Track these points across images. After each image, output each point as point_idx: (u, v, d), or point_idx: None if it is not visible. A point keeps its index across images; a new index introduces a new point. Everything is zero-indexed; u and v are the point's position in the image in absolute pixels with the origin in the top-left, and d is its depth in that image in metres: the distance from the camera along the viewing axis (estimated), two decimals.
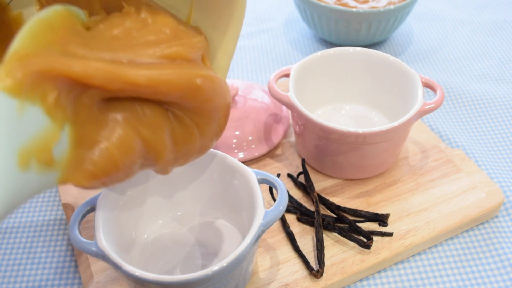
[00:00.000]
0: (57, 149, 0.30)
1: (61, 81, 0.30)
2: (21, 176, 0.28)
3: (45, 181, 0.30)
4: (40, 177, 0.29)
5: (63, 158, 0.31)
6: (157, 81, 0.33)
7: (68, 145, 0.31)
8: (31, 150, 0.28)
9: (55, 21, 0.32)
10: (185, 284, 0.38)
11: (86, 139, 0.33)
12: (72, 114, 0.31)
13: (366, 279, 0.48)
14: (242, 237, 0.48)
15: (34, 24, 0.30)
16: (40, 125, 0.29)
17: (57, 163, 0.30)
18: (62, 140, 0.30)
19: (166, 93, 0.34)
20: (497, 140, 0.62)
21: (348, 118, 0.60)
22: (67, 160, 0.31)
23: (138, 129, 0.35)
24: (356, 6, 0.71)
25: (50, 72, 0.29)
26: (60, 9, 0.33)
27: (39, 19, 0.31)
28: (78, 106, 0.32)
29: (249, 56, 0.77)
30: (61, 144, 0.30)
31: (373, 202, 0.53)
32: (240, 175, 0.45)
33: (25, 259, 0.51)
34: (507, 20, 0.83)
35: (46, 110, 0.29)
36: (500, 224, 0.52)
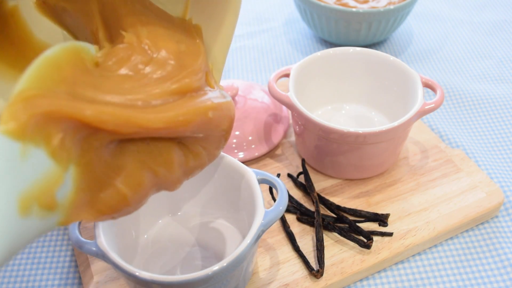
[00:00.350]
0: (60, 192, 0.29)
1: (67, 123, 0.29)
2: (21, 223, 0.26)
3: (45, 225, 0.29)
4: (40, 222, 0.28)
5: (66, 200, 0.29)
6: (174, 123, 0.34)
7: (72, 186, 0.30)
8: (33, 195, 0.27)
9: (63, 60, 0.31)
10: (185, 284, 0.38)
11: (94, 180, 0.32)
12: (78, 155, 0.30)
13: (366, 279, 0.48)
14: (242, 237, 0.48)
15: (40, 63, 0.29)
16: (44, 168, 0.27)
17: (60, 206, 0.29)
18: (66, 182, 0.29)
19: (182, 132, 0.35)
20: (497, 140, 0.62)
21: (348, 118, 0.60)
22: (70, 202, 0.30)
23: (151, 167, 0.35)
24: (356, 6, 0.71)
25: (56, 115, 0.28)
26: (68, 46, 0.32)
27: (45, 58, 0.30)
28: (85, 147, 0.31)
29: (249, 56, 0.77)
30: (64, 186, 0.29)
31: (373, 202, 0.53)
32: (240, 175, 0.45)
33: (25, 259, 0.51)
34: (507, 20, 0.83)
35: (50, 152, 0.28)
36: (500, 224, 0.52)
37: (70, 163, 0.29)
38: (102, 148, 0.32)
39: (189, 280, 0.37)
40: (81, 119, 0.29)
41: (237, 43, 0.80)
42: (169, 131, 0.34)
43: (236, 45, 0.79)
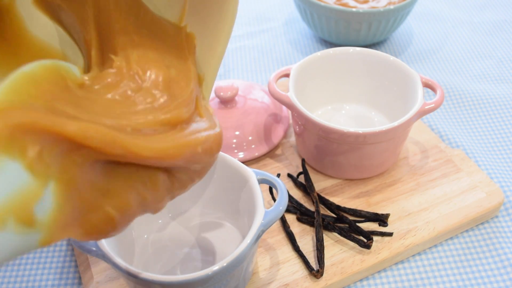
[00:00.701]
0: (40, 208, 0.27)
1: (45, 136, 0.28)
2: None
3: (25, 243, 0.27)
4: (18, 237, 0.27)
5: (48, 218, 0.28)
6: (163, 155, 0.33)
7: (54, 203, 0.29)
8: (8, 208, 0.26)
9: (40, 76, 0.30)
10: (185, 284, 0.38)
11: (80, 200, 0.31)
12: (59, 171, 0.29)
13: (366, 279, 0.48)
14: (242, 237, 0.48)
15: (15, 77, 0.28)
16: (19, 181, 0.26)
17: (40, 223, 0.28)
18: (46, 198, 0.28)
19: (170, 164, 0.34)
20: (497, 140, 0.62)
21: (348, 118, 0.60)
22: (52, 220, 0.28)
23: (140, 192, 0.34)
24: (356, 6, 0.71)
25: (32, 127, 0.27)
26: (47, 63, 0.31)
27: (21, 73, 0.29)
28: (66, 163, 0.29)
29: (249, 56, 0.77)
30: (44, 203, 0.28)
31: (373, 202, 0.53)
32: (240, 175, 0.45)
33: (25, 259, 0.51)
34: (507, 20, 0.83)
35: (26, 165, 0.27)
36: (500, 224, 0.52)
37: (49, 179, 0.28)
38: (87, 167, 0.31)
39: (189, 280, 0.37)
40: (63, 133, 0.28)
41: (237, 43, 0.80)
42: (157, 161, 0.33)
43: (236, 45, 0.79)
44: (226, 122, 0.57)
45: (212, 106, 0.59)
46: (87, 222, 0.32)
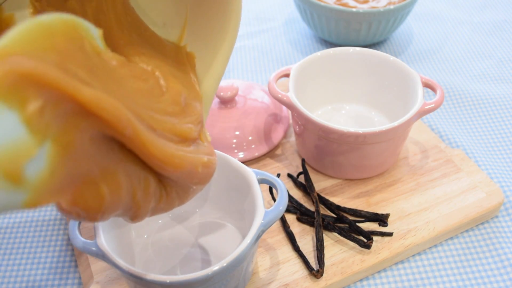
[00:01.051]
0: (31, 167, 0.26)
1: (50, 93, 0.26)
2: None
3: (8, 200, 0.26)
4: (2, 194, 0.25)
5: (37, 179, 0.27)
6: (168, 160, 0.33)
7: (47, 165, 0.27)
8: None
9: (56, 28, 0.28)
10: (185, 284, 0.38)
11: (74, 167, 0.29)
12: (58, 133, 0.27)
13: (366, 279, 0.48)
14: (242, 237, 0.48)
15: (30, 25, 0.27)
16: (14, 134, 0.25)
17: (28, 183, 0.26)
18: (39, 158, 0.26)
19: (168, 172, 0.34)
20: (497, 140, 0.62)
21: (348, 118, 0.60)
22: (42, 182, 0.27)
23: (133, 185, 0.33)
24: (356, 6, 0.71)
25: (40, 80, 0.25)
26: (66, 17, 0.29)
27: (37, 22, 0.27)
28: (68, 125, 0.28)
29: (249, 56, 0.77)
30: (36, 162, 0.26)
31: (373, 202, 0.53)
32: (240, 175, 0.45)
33: (25, 259, 0.51)
34: (507, 20, 0.83)
35: (24, 119, 0.25)
36: (500, 224, 0.52)
37: (47, 138, 0.26)
38: (89, 135, 0.29)
39: (189, 280, 0.37)
40: (75, 96, 0.27)
41: (237, 43, 0.80)
42: (160, 163, 0.33)
43: (236, 45, 0.79)
44: (226, 122, 0.57)
45: (212, 106, 0.59)
46: (78, 192, 0.30)
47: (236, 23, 0.42)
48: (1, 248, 0.52)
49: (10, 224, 0.54)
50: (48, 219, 0.54)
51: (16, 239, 0.53)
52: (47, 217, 0.55)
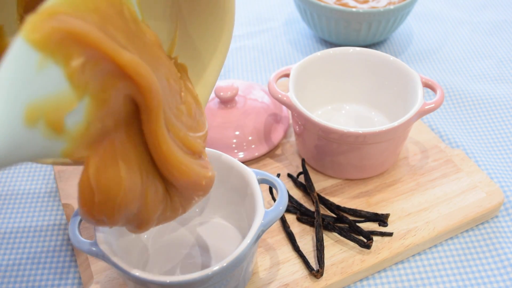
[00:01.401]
0: (71, 119, 0.28)
1: (92, 52, 0.28)
2: (25, 131, 0.26)
3: (49, 148, 0.28)
4: (44, 141, 0.27)
5: (75, 130, 0.29)
6: (176, 165, 0.35)
7: (84, 118, 0.29)
8: (41, 109, 0.26)
9: None
10: (185, 284, 0.38)
11: (106, 124, 0.31)
12: (96, 89, 0.29)
13: (366, 279, 0.48)
14: (242, 237, 0.48)
15: None
16: (58, 87, 0.27)
17: (67, 133, 0.28)
18: (78, 111, 0.29)
19: (173, 178, 0.35)
20: (497, 140, 0.62)
21: (348, 118, 0.60)
22: (79, 133, 0.29)
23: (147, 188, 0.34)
24: (356, 6, 0.71)
25: (84, 39, 0.27)
26: None
27: None
28: (105, 83, 0.30)
29: (249, 56, 0.77)
30: (76, 115, 0.28)
31: (373, 202, 0.53)
32: (240, 175, 0.45)
33: (25, 259, 0.51)
34: (507, 20, 0.83)
35: (67, 74, 0.27)
36: (500, 224, 0.52)
37: (86, 93, 0.29)
38: (121, 96, 0.31)
39: (189, 280, 0.37)
40: (115, 58, 0.29)
41: (237, 43, 0.80)
42: (167, 165, 0.34)
43: (236, 45, 0.79)
44: (226, 122, 0.57)
45: (212, 106, 0.59)
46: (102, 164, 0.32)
47: (228, 37, 0.43)
48: (2, 248, 0.52)
49: (10, 224, 0.54)
50: (48, 219, 0.54)
51: (16, 239, 0.53)
52: (47, 218, 0.55)
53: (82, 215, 0.33)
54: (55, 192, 0.57)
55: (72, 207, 0.53)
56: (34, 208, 0.56)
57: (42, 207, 0.56)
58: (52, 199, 0.56)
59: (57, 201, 0.56)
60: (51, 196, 0.57)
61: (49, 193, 0.57)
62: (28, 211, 0.55)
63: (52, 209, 0.55)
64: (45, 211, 0.55)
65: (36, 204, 0.56)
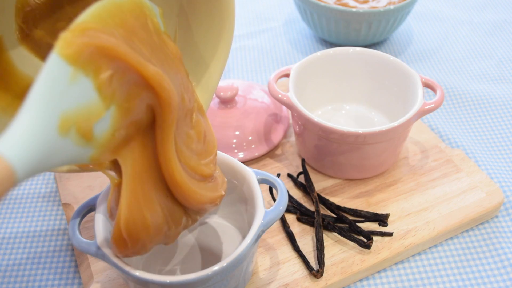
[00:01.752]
0: (98, 127, 0.30)
1: (119, 64, 0.30)
2: (58, 139, 0.28)
3: (79, 154, 0.30)
4: (75, 148, 0.29)
5: (102, 137, 0.31)
6: (191, 196, 0.37)
7: (110, 126, 0.31)
8: (73, 118, 0.28)
9: (126, 7, 0.32)
10: (185, 284, 0.38)
11: (130, 131, 0.33)
12: (122, 99, 0.31)
13: (366, 279, 0.48)
14: (242, 237, 0.48)
15: (104, 3, 0.31)
16: (88, 98, 0.29)
17: (95, 140, 0.31)
18: (105, 120, 0.31)
19: (191, 205, 0.38)
20: (497, 140, 0.62)
21: (348, 118, 0.60)
22: (105, 140, 0.31)
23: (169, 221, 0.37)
24: (356, 6, 0.71)
25: (111, 53, 0.29)
26: None
27: (111, 1, 0.31)
28: (130, 93, 0.32)
29: (249, 56, 0.77)
30: (103, 123, 0.31)
31: (373, 202, 0.53)
32: (240, 175, 0.45)
33: (25, 259, 0.51)
34: (507, 20, 0.83)
35: (96, 85, 0.29)
36: (500, 224, 0.52)
37: (112, 103, 0.31)
38: (144, 105, 0.33)
39: (189, 280, 0.37)
40: (141, 71, 0.31)
41: (237, 43, 0.80)
42: (182, 195, 0.37)
43: (236, 45, 0.79)
44: (226, 122, 0.57)
45: (212, 106, 0.59)
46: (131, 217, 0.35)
47: (228, 41, 0.43)
48: (2, 248, 0.52)
49: (10, 225, 0.54)
50: (48, 219, 0.54)
51: (16, 239, 0.53)
52: (47, 218, 0.55)
53: (116, 254, 0.37)
54: (55, 192, 0.57)
55: (72, 207, 0.53)
56: (34, 208, 0.56)
57: (42, 207, 0.56)
58: (52, 199, 0.56)
59: (57, 202, 0.56)
60: (51, 196, 0.57)
61: (49, 193, 0.57)
62: (28, 211, 0.55)
63: (52, 209, 0.55)
64: (45, 211, 0.55)
65: (36, 204, 0.56)
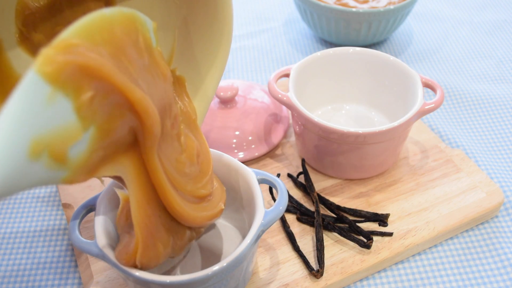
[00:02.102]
0: (74, 149, 0.28)
1: (102, 84, 0.28)
2: (27, 165, 0.26)
3: (51, 177, 0.28)
4: (46, 172, 0.27)
5: (78, 160, 0.29)
6: (192, 220, 0.39)
7: (88, 148, 0.29)
8: (46, 141, 0.26)
9: (117, 22, 0.30)
10: (185, 284, 0.38)
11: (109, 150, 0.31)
12: (102, 120, 0.29)
13: (366, 279, 0.48)
14: (242, 237, 0.48)
15: (93, 17, 0.28)
16: (65, 120, 0.27)
17: (69, 163, 0.28)
18: (82, 142, 0.28)
19: (194, 226, 0.40)
20: (497, 140, 0.62)
21: (348, 118, 0.60)
22: (81, 162, 0.29)
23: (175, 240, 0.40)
24: (356, 6, 0.71)
25: (95, 72, 0.27)
26: (127, 12, 0.31)
27: (101, 15, 0.29)
28: (112, 114, 0.30)
29: (249, 56, 0.77)
30: (79, 145, 0.28)
31: (373, 202, 0.53)
32: (240, 175, 0.45)
33: (25, 259, 0.51)
34: (507, 20, 0.83)
35: (76, 106, 0.27)
36: (500, 224, 0.52)
37: (92, 124, 0.29)
38: (127, 125, 0.32)
39: (189, 280, 0.37)
40: (127, 95, 0.29)
41: (237, 43, 0.80)
42: (184, 221, 0.38)
43: (236, 45, 0.79)
44: (226, 122, 0.57)
45: (212, 106, 0.59)
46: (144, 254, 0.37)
47: (226, 49, 0.43)
48: (2, 248, 0.52)
49: (10, 225, 0.54)
50: (48, 219, 0.54)
51: (16, 240, 0.53)
52: (47, 218, 0.55)
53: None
54: (55, 192, 0.57)
55: (72, 207, 0.53)
56: (34, 208, 0.56)
57: (42, 207, 0.56)
58: (52, 199, 0.56)
59: (57, 202, 0.56)
60: (51, 196, 0.57)
61: (49, 193, 0.57)
62: (28, 211, 0.55)
63: (52, 209, 0.55)
64: (45, 211, 0.55)
65: (36, 204, 0.56)
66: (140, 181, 0.35)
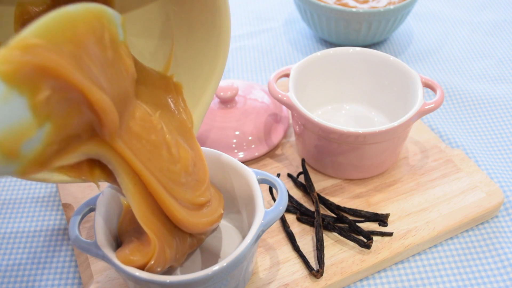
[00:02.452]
0: (28, 145, 0.28)
1: (60, 84, 0.28)
2: None
3: (1, 170, 0.28)
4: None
5: (31, 155, 0.28)
6: (193, 227, 0.40)
7: (42, 143, 0.29)
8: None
9: (81, 18, 0.30)
10: (185, 284, 0.38)
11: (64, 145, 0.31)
12: (59, 116, 0.29)
13: (366, 279, 0.48)
14: (242, 237, 0.48)
15: (56, 15, 0.28)
16: (19, 118, 0.27)
17: (22, 158, 0.28)
18: (36, 138, 0.28)
19: (196, 233, 0.42)
20: (497, 140, 0.62)
21: (348, 118, 0.60)
22: (35, 157, 0.29)
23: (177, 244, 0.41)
24: (356, 6, 0.71)
25: (53, 73, 0.27)
26: (93, 8, 0.31)
27: (64, 12, 0.28)
28: (69, 110, 0.30)
29: (249, 56, 0.77)
30: (33, 141, 0.28)
31: (373, 202, 0.53)
32: (240, 175, 0.45)
33: (25, 259, 0.51)
34: (507, 20, 0.83)
35: (31, 105, 0.27)
36: (500, 224, 0.52)
37: (48, 121, 0.28)
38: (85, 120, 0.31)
39: (189, 280, 0.37)
40: (88, 96, 0.29)
41: (237, 43, 0.80)
42: (186, 228, 0.40)
43: (236, 45, 0.79)
44: (226, 122, 0.57)
45: (212, 106, 0.59)
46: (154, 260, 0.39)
47: (224, 55, 0.43)
48: (2, 248, 0.52)
49: (10, 225, 0.54)
50: (48, 219, 0.54)
51: (16, 240, 0.53)
52: (47, 218, 0.55)
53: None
54: (55, 193, 0.57)
55: (72, 207, 0.53)
56: (34, 208, 0.56)
57: (42, 207, 0.56)
58: (52, 199, 0.56)
59: (57, 202, 0.56)
60: (51, 196, 0.57)
61: (49, 193, 0.57)
62: (28, 211, 0.55)
63: (52, 209, 0.55)
64: (45, 211, 0.55)
65: (36, 204, 0.56)
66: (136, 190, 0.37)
